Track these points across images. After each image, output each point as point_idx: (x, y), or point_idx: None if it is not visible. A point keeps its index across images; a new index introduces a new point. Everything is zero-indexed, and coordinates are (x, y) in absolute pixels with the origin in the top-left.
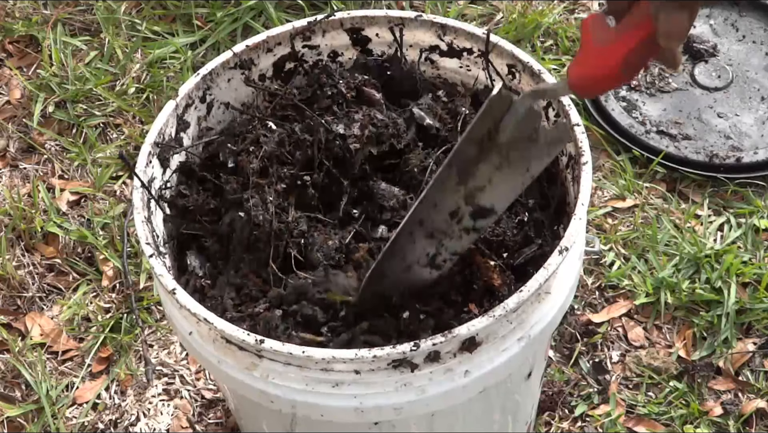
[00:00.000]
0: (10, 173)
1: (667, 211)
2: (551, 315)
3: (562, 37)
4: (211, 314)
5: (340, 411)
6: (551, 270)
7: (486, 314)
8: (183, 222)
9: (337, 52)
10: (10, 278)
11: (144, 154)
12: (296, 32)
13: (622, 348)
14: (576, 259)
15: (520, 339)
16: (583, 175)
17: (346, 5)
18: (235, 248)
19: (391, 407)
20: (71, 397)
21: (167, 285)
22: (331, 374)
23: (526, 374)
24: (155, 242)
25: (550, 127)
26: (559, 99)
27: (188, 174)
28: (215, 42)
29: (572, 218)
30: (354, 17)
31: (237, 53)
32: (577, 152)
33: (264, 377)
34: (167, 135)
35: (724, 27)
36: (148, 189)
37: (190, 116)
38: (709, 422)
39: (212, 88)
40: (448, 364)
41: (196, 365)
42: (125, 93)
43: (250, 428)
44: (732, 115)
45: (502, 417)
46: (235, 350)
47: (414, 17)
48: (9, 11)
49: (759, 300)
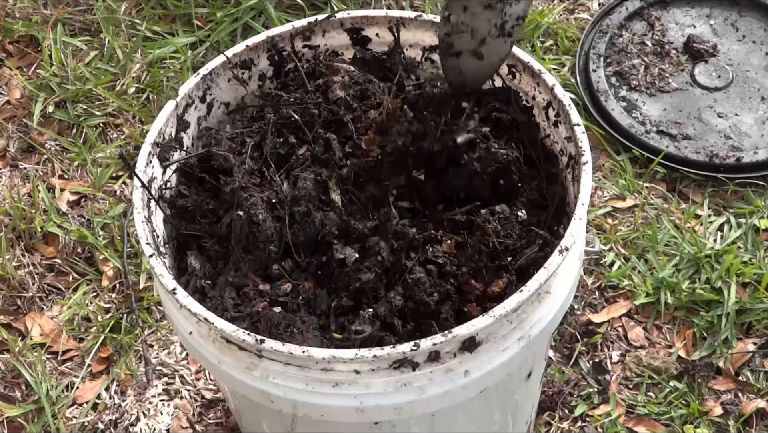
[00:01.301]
0: (10, 173)
1: (667, 211)
2: (551, 315)
3: (562, 37)
4: (211, 314)
5: (341, 411)
6: (551, 270)
7: (486, 313)
8: (183, 222)
9: (337, 52)
10: (10, 278)
11: (144, 155)
12: (296, 32)
13: (622, 348)
14: (576, 259)
15: (520, 339)
16: (583, 175)
17: (346, 5)
18: (234, 248)
19: (391, 407)
20: (71, 397)
21: (167, 285)
22: (331, 373)
23: (526, 374)
24: (155, 242)
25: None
26: (559, 99)
27: (187, 174)
28: (215, 42)
29: (572, 218)
30: (354, 17)
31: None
32: (577, 152)
33: (264, 377)
34: (167, 135)
35: (724, 27)
36: (148, 189)
37: (190, 116)
38: (709, 422)
39: (212, 88)
40: (449, 364)
41: (196, 365)
42: (125, 93)
43: (251, 428)
44: (732, 115)
45: (501, 417)
46: (235, 349)
47: (414, 17)
48: (9, 11)
49: (759, 300)
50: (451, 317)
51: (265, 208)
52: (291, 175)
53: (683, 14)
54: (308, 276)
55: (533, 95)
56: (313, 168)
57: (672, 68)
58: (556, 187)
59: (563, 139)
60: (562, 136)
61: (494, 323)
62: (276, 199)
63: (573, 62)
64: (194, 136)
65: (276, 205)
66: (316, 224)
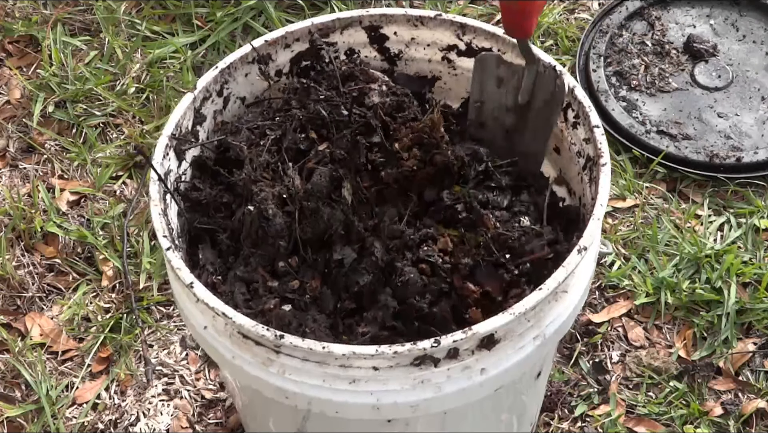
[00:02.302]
0: (10, 173)
1: (667, 212)
2: (566, 314)
3: (562, 37)
4: (229, 309)
5: (357, 408)
6: (570, 269)
7: (506, 310)
8: (196, 216)
9: (354, 49)
10: (10, 278)
11: (161, 147)
12: (315, 29)
13: (622, 348)
14: (592, 260)
15: (535, 338)
16: (601, 177)
17: (346, 5)
18: (244, 243)
19: (407, 405)
20: (71, 397)
21: (185, 279)
22: (349, 370)
23: (536, 374)
24: (171, 235)
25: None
26: (579, 100)
27: (202, 167)
28: (215, 42)
29: (590, 219)
30: (373, 15)
31: (256, 48)
32: (596, 153)
33: (281, 373)
34: (184, 128)
35: (724, 27)
36: (164, 182)
37: (206, 110)
38: (709, 422)
39: (230, 82)
40: (466, 361)
41: (196, 365)
42: (125, 93)
43: (256, 427)
44: (732, 115)
45: (508, 417)
46: (252, 345)
47: (433, 16)
48: (9, 11)
49: (759, 300)
50: (448, 314)
51: (276, 203)
52: (306, 169)
53: (683, 14)
54: (315, 273)
55: None
56: (330, 165)
57: (672, 68)
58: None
59: (581, 140)
60: (580, 137)
61: (513, 321)
62: (287, 193)
63: (573, 62)
64: (210, 130)
65: (287, 200)
66: (324, 220)
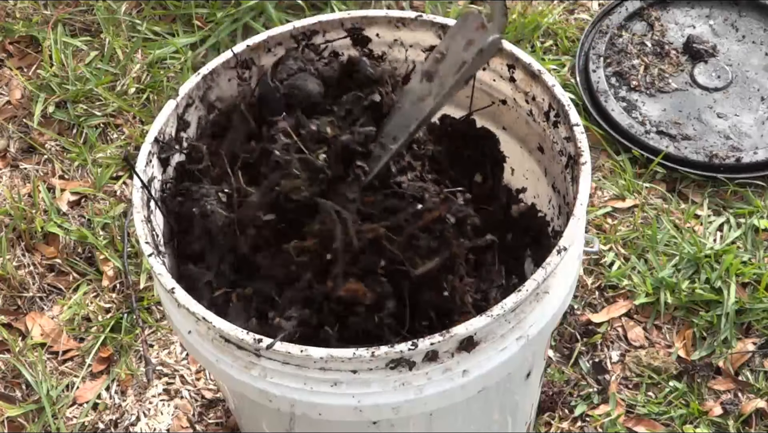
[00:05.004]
0: (10, 173)
1: (667, 212)
2: (550, 315)
3: (562, 37)
4: (210, 313)
5: (339, 410)
6: (549, 270)
7: (484, 313)
8: (181, 222)
9: (338, 52)
10: (10, 278)
11: (144, 154)
12: (297, 32)
13: (622, 348)
14: (575, 259)
15: (518, 339)
16: (582, 175)
17: (346, 5)
18: (205, 246)
19: (389, 407)
20: (71, 397)
21: (166, 284)
22: (329, 373)
23: (525, 374)
24: (155, 242)
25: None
26: (558, 99)
27: (189, 175)
28: (215, 42)
29: (570, 218)
30: (354, 17)
31: (237, 53)
32: (576, 152)
33: (262, 376)
34: (167, 134)
35: (724, 27)
36: (147, 188)
37: (190, 116)
38: (708, 422)
39: (213, 88)
40: (447, 363)
41: (196, 365)
42: (125, 93)
43: (251, 427)
44: (732, 116)
45: (501, 417)
46: (234, 348)
47: (414, 17)
48: (9, 11)
49: (759, 300)
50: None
51: (217, 199)
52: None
53: (683, 14)
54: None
55: (533, 95)
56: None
57: (672, 68)
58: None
59: (563, 139)
60: (561, 136)
61: (492, 323)
62: (229, 189)
63: (573, 62)
64: (194, 136)
65: (230, 196)
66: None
